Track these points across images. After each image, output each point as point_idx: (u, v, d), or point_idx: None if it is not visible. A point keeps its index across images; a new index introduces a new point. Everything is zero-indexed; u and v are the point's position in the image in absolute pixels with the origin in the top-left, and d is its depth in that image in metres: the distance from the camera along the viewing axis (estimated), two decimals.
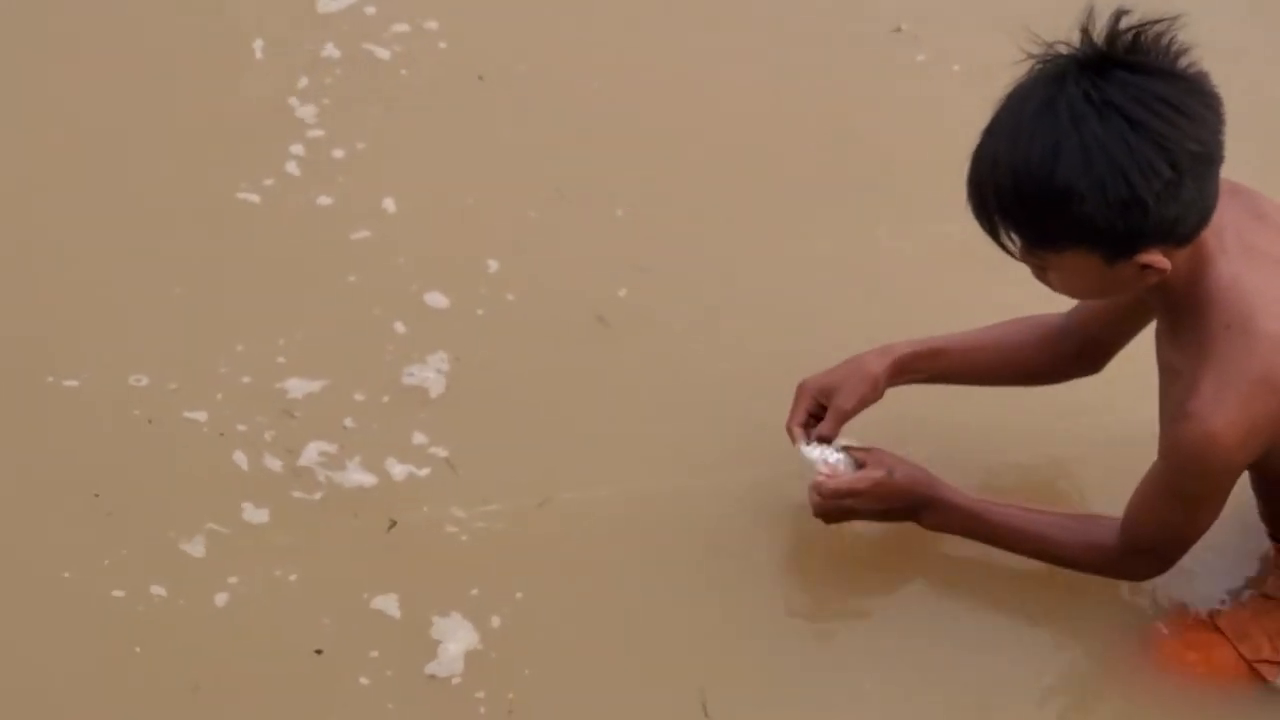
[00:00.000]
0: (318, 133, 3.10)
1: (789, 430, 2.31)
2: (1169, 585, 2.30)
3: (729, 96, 3.14)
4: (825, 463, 2.25)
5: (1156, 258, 1.86)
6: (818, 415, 2.32)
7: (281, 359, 2.71)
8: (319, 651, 2.33)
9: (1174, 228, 1.84)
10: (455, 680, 2.30)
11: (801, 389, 2.32)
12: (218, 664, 2.34)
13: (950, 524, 2.25)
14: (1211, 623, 2.23)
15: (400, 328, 2.77)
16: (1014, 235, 1.89)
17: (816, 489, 2.24)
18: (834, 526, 2.33)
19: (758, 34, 3.28)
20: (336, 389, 2.68)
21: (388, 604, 2.38)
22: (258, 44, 3.27)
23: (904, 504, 2.24)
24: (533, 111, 3.13)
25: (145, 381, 2.68)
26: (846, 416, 2.30)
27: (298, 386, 2.68)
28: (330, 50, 3.24)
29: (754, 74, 3.19)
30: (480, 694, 2.28)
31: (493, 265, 2.84)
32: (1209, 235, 1.91)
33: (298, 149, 3.06)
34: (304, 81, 3.17)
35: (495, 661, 2.32)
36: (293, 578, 2.43)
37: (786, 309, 2.75)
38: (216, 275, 2.87)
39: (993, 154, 1.86)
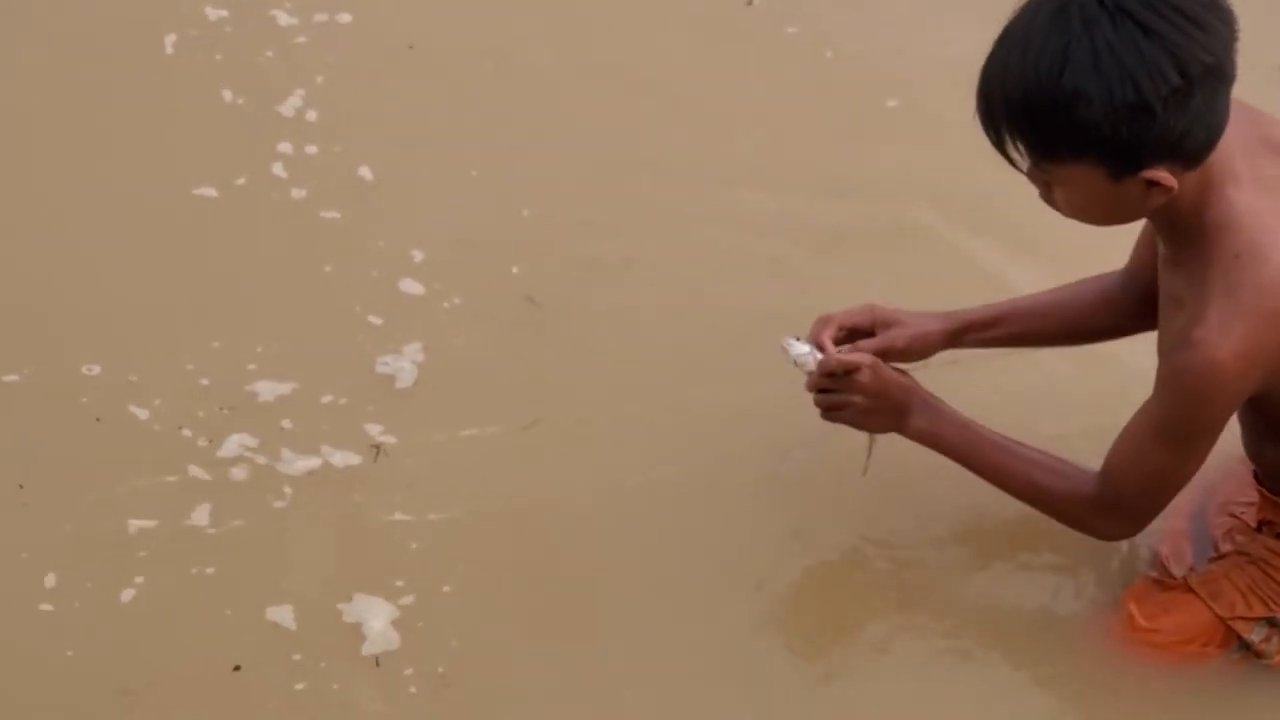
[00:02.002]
0: (266, 105, 3.07)
1: (819, 320, 2.28)
2: (1139, 548, 2.32)
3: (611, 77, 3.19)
4: (814, 356, 2.23)
5: (1163, 174, 1.85)
6: (856, 336, 2.31)
7: (252, 365, 2.58)
8: (237, 668, 2.18)
9: (1181, 141, 1.83)
10: (393, 651, 2.20)
11: (866, 307, 2.33)
12: (141, 665, 2.17)
13: (938, 432, 2.21)
14: (1184, 583, 2.23)
15: (375, 320, 2.67)
16: (1020, 145, 1.88)
17: (824, 365, 2.22)
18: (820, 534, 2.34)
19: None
20: (298, 376, 2.55)
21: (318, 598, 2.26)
22: (170, 39, 3.22)
23: (897, 399, 2.21)
24: (468, 78, 3.16)
25: (97, 370, 2.55)
26: (891, 351, 2.29)
27: (267, 388, 2.54)
28: (271, 32, 3.24)
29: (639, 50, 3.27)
30: (409, 670, 2.17)
31: (442, 252, 2.79)
32: (1218, 162, 1.89)
33: (281, 144, 2.99)
34: (234, 77, 3.14)
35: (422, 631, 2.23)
36: (210, 570, 2.29)
37: (689, 285, 2.76)
38: (189, 272, 2.75)
39: (1003, 61, 1.86)
